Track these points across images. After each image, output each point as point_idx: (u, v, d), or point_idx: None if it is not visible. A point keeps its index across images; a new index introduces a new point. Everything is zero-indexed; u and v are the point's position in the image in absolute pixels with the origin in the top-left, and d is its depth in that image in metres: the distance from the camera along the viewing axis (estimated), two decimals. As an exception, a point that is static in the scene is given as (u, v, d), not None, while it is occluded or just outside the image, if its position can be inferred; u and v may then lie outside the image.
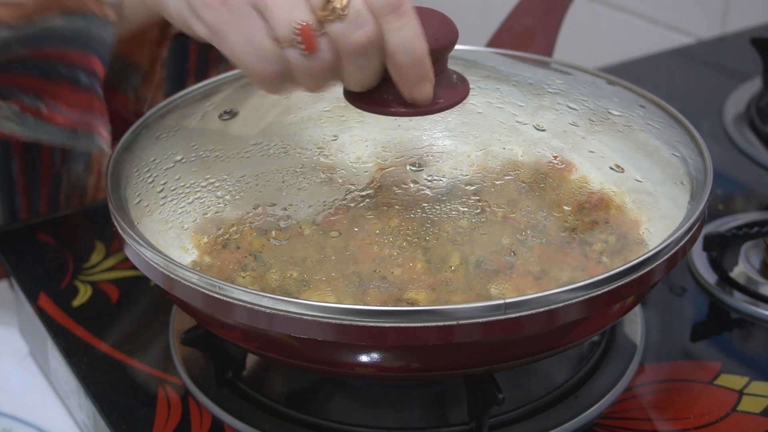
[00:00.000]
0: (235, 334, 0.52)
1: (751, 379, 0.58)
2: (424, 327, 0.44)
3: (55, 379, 0.65)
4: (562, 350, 0.54)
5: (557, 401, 0.56)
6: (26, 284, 0.67)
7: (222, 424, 0.55)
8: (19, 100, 0.61)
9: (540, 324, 0.45)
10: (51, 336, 0.63)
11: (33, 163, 0.79)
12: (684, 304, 0.65)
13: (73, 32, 0.59)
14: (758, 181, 0.79)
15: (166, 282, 0.49)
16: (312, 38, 0.47)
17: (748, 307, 0.64)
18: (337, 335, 0.45)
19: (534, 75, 0.65)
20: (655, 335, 0.62)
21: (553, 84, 0.62)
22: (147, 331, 0.63)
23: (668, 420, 0.55)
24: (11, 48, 0.59)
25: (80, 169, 0.81)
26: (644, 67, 1.00)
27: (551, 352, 0.52)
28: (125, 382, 0.59)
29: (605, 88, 0.64)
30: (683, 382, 0.58)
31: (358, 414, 0.55)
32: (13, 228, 0.73)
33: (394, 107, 0.52)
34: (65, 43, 0.59)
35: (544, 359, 0.54)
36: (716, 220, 0.72)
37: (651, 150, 0.58)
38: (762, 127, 0.84)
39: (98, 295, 0.66)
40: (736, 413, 0.55)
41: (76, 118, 0.61)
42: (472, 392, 0.52)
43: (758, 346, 0.61)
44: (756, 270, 0.67)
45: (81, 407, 0.61)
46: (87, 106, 0.61)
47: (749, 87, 0.92)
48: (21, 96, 0.61)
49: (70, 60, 0.60)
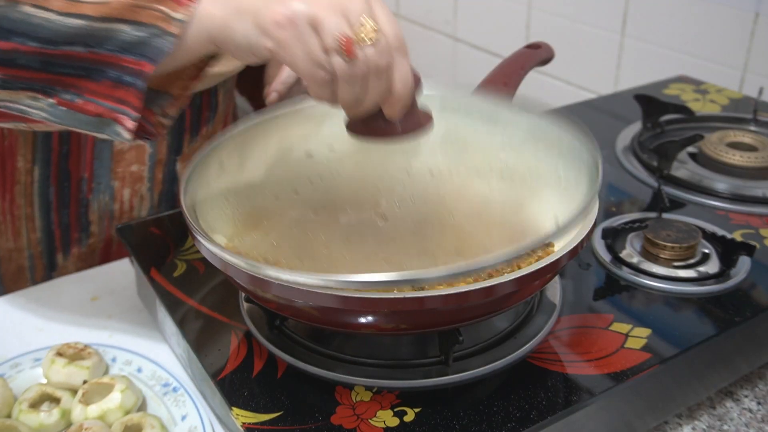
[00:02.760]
0: (271, 305, 0.52)
1: (634, 326, 0.58)
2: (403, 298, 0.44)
3: (162, 326, 0.65)
4: (508, 310, 0.53)
5: (502, 341, 0.55)
6: (142, 262, 0.67)
7: (274, 356, 0.55)
8: (58, 96, 0.49)
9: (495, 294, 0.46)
10: (159, 297, 0.63)
11: (63, 191, 0.76)
12: (589, 275, 0.65)
13: (135, 40, 0.48)
14: (639, 192, 0.78)
15: (222, 266, 0.49)
16: (351, 47, 0.45)
17: (632, 277, 0.63)
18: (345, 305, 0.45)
19: (490, 109, 0.65)
20: (569, 296, 0.61)
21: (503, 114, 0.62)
22: (223, 293, 0.63)
23: (578, 354, 0.55)
24: (74, 43, 0.47)
25: (107, 198, 0.79)
26: (564, 113, 0.99)
27: (500, 312, 0.52)
28: (209, 328, 0.59)
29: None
30: (588, 328, 0.58)
31: (364, 350, 0.55)
32: (132, 223, 0.73)
33: (384, 134, 0.51)
34: (123, 51, 0.48)
35: (495, 316, 0.53)
36: (611, 218, 0.72)
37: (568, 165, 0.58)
38: (641, 155, 0.84)
39: (191, 269, 0.66)
40: (624, 349, 0.55)
41: (107, 107, 0.49)
42: (441, 337, 0.52)
43: (639, 304, 0.61)
44: (638, 252, 0.66)
45: (179, 345, 0.61)
46: (121, 100, 0.49)
47: (633, 128, 0.92)
48: (62, 92, 0.49)
49: (121, 65, 0.48)
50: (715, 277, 0.63)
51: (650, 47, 1.19)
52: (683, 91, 1.02)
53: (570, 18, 1.32)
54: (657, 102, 0.90)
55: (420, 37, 1.75)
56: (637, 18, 1.20)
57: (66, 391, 0.58)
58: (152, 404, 0.58)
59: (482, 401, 0.51)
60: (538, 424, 0.49)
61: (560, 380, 0.52)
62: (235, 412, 0.50)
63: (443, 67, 1.70)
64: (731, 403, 0.61)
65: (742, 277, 0.63)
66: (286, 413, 0.50)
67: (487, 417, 0.49)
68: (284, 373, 0.54)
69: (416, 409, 0.50)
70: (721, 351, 0.58)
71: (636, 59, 1.22)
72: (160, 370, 0.61)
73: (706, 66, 1.11)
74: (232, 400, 0.51)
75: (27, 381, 0.61)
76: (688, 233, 0.65)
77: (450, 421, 0.49)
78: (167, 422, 0.56)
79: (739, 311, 0.59)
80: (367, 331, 0.52)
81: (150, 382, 0.60)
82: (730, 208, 0.74)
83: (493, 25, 1.51)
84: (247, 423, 0.49)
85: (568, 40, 1.33)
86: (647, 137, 0.88)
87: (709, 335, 0.57)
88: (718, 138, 0.85)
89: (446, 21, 1.64)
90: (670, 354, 0.54)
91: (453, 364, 0.53)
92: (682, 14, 1.12)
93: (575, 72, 1.35)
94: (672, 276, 0.63)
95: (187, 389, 0.59)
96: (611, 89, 1.28)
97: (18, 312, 0.70)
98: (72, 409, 0.57)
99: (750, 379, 0.63)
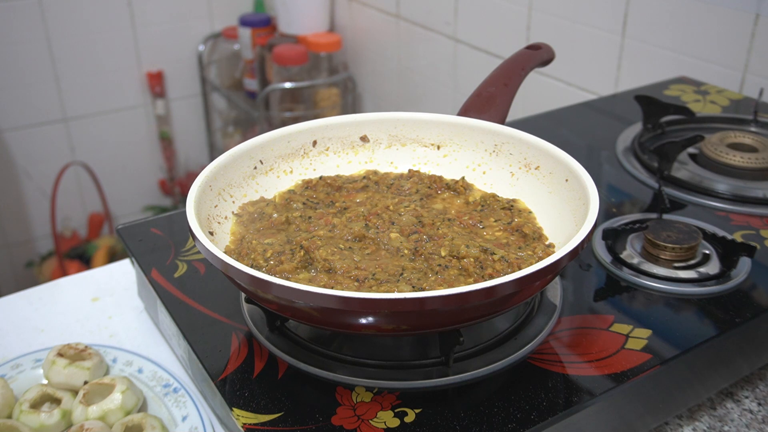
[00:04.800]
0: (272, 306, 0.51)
1: (634, 327, 0.58)
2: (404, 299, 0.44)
3: (162, 326, 0.65)
4: (508, 310, 0.53)
5: (502, 342, 0.55)
6: (143, 262, 0.67)
7: (275, 357, 0.55)
8: None
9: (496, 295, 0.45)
10: (159, 297, 0.63)
11: None
12: (589, 276, 0.65)
13: None
14: (639, 193, 0.78)
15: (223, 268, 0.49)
16: None
17: (632, 278, 0.63)
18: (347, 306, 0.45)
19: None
20: (570, 297, 0.61)
21: None
22: (224, 294, 0.63)
23: (578, 354, 0.55)
24: None
25: None
26: (564, 114, 0.99)
27: (501, 312, 0.51)
28: (209, 329, 0.59)
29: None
30: (588, 329, 0.58)
31: (365, 351, 0.55)
32: (133, 224, 0.73)
33: None
34: None
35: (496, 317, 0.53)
36: (611, 219, 0.72)
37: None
38: (642, 156, 0.84)
39: (191, 269, 0.66)
40: (624, 350, 0.55)
41: None
42: (442, 338, 0.52)
43: (639, 304, 0.61)
44: (638, 253, 0.66)
45: (179, 346, 0.61)
46: None
47: (633, 128, 0.91)
48: None
49: None
50: (715, 278, 0.63)
51: (650, 48, 1.19)
52: (684, 92, 1.02)
53: (570, 19, 1.32)
54: (657, 103, 0.90)
55: (420, 38, 1.75)
56: (637, 19, 1.20)
57: (67, 392, 0.58)
58: (153, 405, 0.58)
59: (483, 402, 0.51)
60: (539, 425, 0.49)
61: (561, 381, 0.52)
62: (235, 413, 0.50)
63: (444, 68, 1.70)
64: (732, 404, 0.61)
65: (743, 278, 0.63)
66: (286, 414, 0.50)
67: (488, 418, 0.49)
68: (285, 373, 0.54)
69: (417, 410, 0.50)
70: (721, 352, 0.58)
71: (636, 60, 1.22)
72: (160, 370, 0.61)
73: (707, 67, 1.11)
74: (233, 401, 0.51)
75: (28, 382, 0.61)
76: (688, 234, 0.65)
77: (450, 421, 0.49)
78: (168, 423, 0.56)
79: (740, 312, 0.59)
80: (367, 332, 0.52)
81: (151, 383, 0.60)
82: (730, 209, 0.74)
83: (494, 26, 1.51)
84: (247, 424, 0.49)
85: (569, 41, 1.33)
86: (648, 138, 0.88)
87: (710, 336, 0.57)
88: (719, 139, 0.85)
89: (447, 22, 1.64)
90: (671, 355, 0.54)
91: (454, 365, 0.53)
92: (683, 15, 1.12)
93: (575, 73, 1.35)
94: (672, 277, 0.63)
95: (188, 390, 0.59)
96: (611, 90, 1.28)
97: (19, 313, 0.71)
98: (73, 409, 0.57)
99: (750, 380, 0.63)
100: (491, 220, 0.60)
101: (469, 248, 0.53)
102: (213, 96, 2.35)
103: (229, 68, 2.28)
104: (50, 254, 2.17)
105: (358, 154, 0.68)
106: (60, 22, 2.01)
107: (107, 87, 2.15)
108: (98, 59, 2.10)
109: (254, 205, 0.62)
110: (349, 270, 0.52)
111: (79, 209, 2.24)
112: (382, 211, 0.60)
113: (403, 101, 1.91)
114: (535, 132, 0.64)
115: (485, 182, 0.66)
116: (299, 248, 0.54)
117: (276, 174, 0.65)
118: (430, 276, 0.52)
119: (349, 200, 0.63)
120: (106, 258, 2.12)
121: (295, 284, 0.45)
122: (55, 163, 2.12)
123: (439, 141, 0.68)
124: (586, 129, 0.94)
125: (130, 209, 2.32)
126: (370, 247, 0.56)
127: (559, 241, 0.56)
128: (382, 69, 1.96)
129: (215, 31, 2.26)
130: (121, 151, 2.24)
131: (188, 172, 2.38)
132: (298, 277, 0.52)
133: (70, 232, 2.21)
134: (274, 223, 0.59)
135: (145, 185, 2.34)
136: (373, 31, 1.95)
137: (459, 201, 0.63)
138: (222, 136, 2.37)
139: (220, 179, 0.60)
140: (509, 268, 0.52)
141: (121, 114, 2.21)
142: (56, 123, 2.11)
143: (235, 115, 2.36)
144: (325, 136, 0.67)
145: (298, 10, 2.03)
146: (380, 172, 0.67)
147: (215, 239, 0.56)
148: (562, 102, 1.33)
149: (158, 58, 2.20)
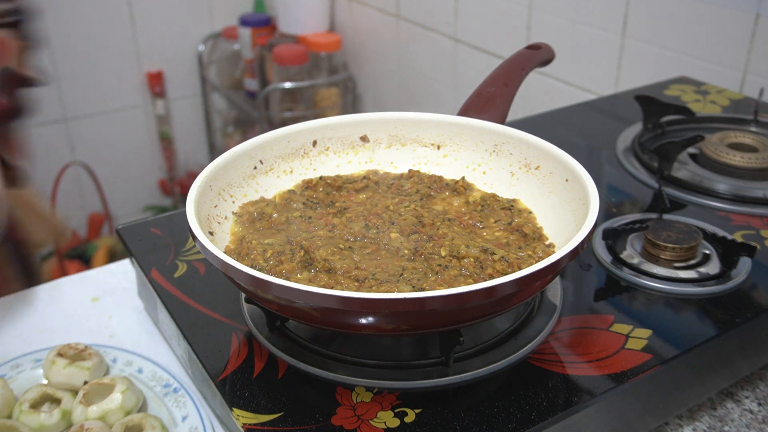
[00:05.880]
0: (272, 306, 0.51)
1: (634, 327, 0.57)
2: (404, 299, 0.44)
3: (162, 326, 0.65)
4: (508, 310, 0.53)
5: (503, 342, 0.55)
6: (143, 262, 0.67)
7: (275, 357, 0.55)
8: None
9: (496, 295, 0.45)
10: (159, 297, 0.63)
11: None
12: (589, 276, 0.65)
13: None
14: (639, 193, 0.78)
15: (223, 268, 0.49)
16: None
17: (632, 278, 0.63)
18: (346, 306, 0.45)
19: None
20: (570, 297, 0.61)
21: None
22: (224, 294, 0.62)
23: (578, 354, 0.55)
24: None
25: None
26: (564, 114, 0.99)
27: (501, 312, 0.51)
28: (209, 329, 0.59)
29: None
30: (588, 329, 0.58)
31: (365, 351, 0.55)
32: (133, 224, 0.73)
33: None
34: None
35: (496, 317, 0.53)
36: (611, 219, 0.72)
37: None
38: (642, 156, 0.84)
39: (191, 269, 0.66)
40: (624, 350, 0.55)
41: None
42: (442, 338, 0.52)
43: (639, 304, 0.61)
44: (638, 253, 0.66)
45: (179, 346, 0.61)
46: None
47: (634, 128, 0.91)
48: None
49: None
50: (715, 278, 0.63)
51: (651, 48, 1.19)
52: (684, 92, 1.02)
53: (571, 19, 1.32)
54: (657, 103, 0.90)
55: (421, 38, 1.75)
56: (637, 19, 1.20)
57: (67, 392, 0.58)
58: (153, 405, 0.58)
59: (483, 402, 0.51)
60: (539, 425, 0.49)
61: (561, 381, 0.52)
62: (235, 413, 0.50)
63: (444, 69, 1.70)
64: (732, 404, 0.61)
65: (743, 278, 0.63)
66: (286, 414, 0.50)
67: (488, 418, 0.49)
68: (285, 373, 0.54)
69: (417, 410, 0.50)
70: (721, 352, 0.58)
71: (636, 60, 1.22)
72: (160, 370, 0.61)
73: (707, 67, 1.11)
74: (233, 401, 0.51)
75: (28, 382, 0.61)
76: (688, 234, 0.65)
77: (450, 421, 0.49)
78: (168, 423, 0.56)
79: (740, 312, 0.59)
80: (367, 332, 0.52)
81: (151, 383, 0.60)
82: (730, 209, 0.74)
83: (494, 26, 1.51)
84: (247, 424, 0.49)
85: (569, 41, 1.33)
86: (648, 138, 0.88)
87: (710, 336, 0.56)
88: (719, 139, 0.85)
89: (447, 22, 1.65)
90: (671, 355, 0.54)
91: (454, 365, 0.53)
92: (683, 15, 1.12)
93: (576, 73, 1.35)
94: (672, 277, 0.63)
95: (188, 390, 0.59)
96: (612, 90, 1.28)
97: (19, 313, 0.71)
98: (73, 409, 0.57)
99: (751, 380, 0.63)
100: (491, 220, 0.60)
101: (469, 248, 0.53)
102: (213, 96, 2.35)
103: (229, 68, 2.29)
104: (50, 254, 2.17)
105: (358, 154, 0.68)
106: (60, 22, 2.01)
107: (107, 87, 2.15)
108: (98, 59, 2.10)
109: (254, 205, 0.62)
110: (349, 270, 0.52)
111: (78, 209, 2.24)
112: (382, 211, 0.60)
113: (403, 101, 1.91)
114: (535, 132, 0.64)
115: (485, 182, 0.66)
116: (299, 248, 0.54)
117: (276, 174, 0.65)
118: (430, 276, 0.52)
119: (349, 200, 0.63)
120: (106, 258, 2.12)
121: (295, 284, 0.45)
122: (55, 163, 2.12)
123: (439, 141, 0.68)
124: (586, 129, 0.94)
125: (130, 209, 2.32)
126: (370, 247, 0.56)
127: (559, 241, 0.56)
128: (382, 69, 1.96)
129: (215, 31, 2.26)
130: (121, 151, 2.25)
131: (188, 172, 2.38)
132: (298, 277, 0.52)
133: (70, 232, 2.21)
134: (274, 223, 0.59)
135: (145, 185, 2.34)
136: (373, 31, 1.95)
137: (459, 201, 0.63)
138: (222, 136, 2.38)
139: (220, 179, 0.60)
140: (509, 268, 0.52)
141: (121, 114, 2.21)
142: (56, 123, 2.11)
143: (235, 115, 2.36)
144: (325, 136, 0.67)
145: (298, 10, 2.03)
146: (380, 172, 0.67)
147: (215, 239, 0.56)
148: (562, 102, 1.33)
149: (158, 58, 2.20)
